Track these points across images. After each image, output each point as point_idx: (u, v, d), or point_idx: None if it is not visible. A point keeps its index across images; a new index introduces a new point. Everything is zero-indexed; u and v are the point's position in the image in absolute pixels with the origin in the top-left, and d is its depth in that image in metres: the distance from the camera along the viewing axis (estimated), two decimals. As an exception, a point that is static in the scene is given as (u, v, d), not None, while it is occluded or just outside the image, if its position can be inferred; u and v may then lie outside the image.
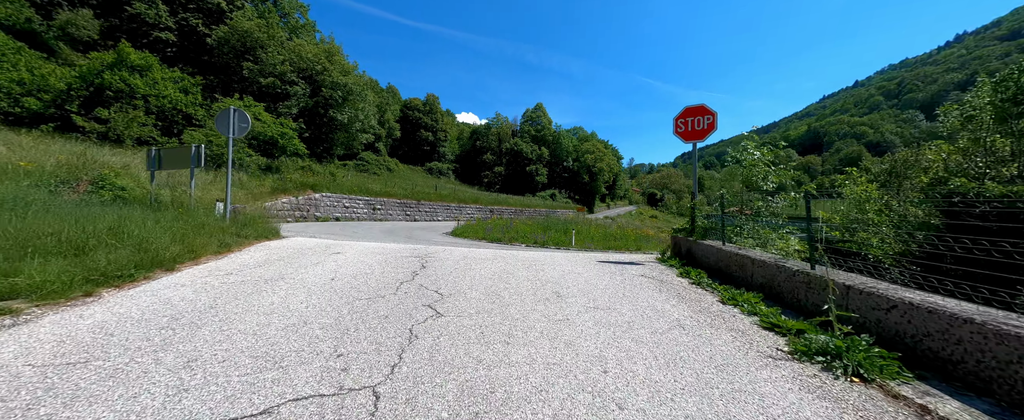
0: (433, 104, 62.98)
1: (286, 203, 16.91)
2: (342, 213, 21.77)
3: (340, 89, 25.82)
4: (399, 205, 26.87)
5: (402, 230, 16.25)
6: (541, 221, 19.37)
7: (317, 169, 23.39)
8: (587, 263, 7.16)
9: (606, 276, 5.78)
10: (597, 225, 19.27)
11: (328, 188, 21.46)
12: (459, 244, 11.20)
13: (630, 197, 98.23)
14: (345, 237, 10.23)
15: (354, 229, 14.34)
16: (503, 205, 39.58)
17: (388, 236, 12.21)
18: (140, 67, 19.59)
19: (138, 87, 18.73)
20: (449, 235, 16.23)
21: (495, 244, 13.45)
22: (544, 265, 6.66)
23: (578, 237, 14.53)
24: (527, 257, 7.60)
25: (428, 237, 13.35)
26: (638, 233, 16.80)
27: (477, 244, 11.86)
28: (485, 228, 16.56)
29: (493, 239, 14.34)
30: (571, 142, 62.26)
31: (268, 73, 22.84)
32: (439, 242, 11.47)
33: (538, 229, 16.25)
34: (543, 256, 7.83)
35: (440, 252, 7.55)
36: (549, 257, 7.76)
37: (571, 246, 13.22)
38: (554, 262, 7.00)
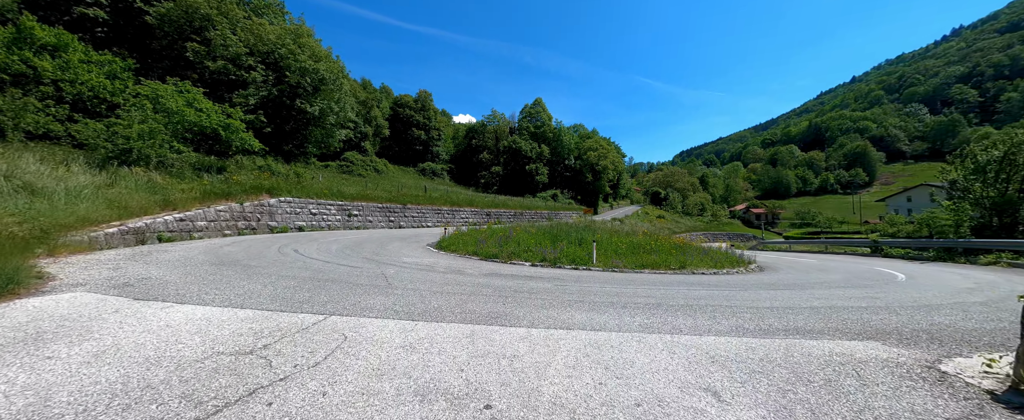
0: (425, 101, 59.40)
1: (223, 211, 13.25)
2: (307, 221, 18.11)
3: (309, 76, 22.18)
4: (380, 210, 23.23)
5: (372, 243, 12.64)
6: (547, 228, 15.81)
7: (280, 169, 19.73)
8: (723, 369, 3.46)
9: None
10: (615, 231, 15.73)
11: (289, 191, 17.79)
12: (435, 268, 7.60)
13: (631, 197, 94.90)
14: (208, 283, 6.45)
15: (289, 249, 10.71)
16: (501, 208, 36.01)
17: (343, 255, 8.62)
18: (51, 46, 15.95)
19: (45, 70, 15.07)
20: (432, 248, 12.63)
21: (491, 261, 9.87)
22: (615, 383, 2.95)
23: (598, 249, 10.99)
24: (571, 350, 3.87)
25: (401, 254, 9.78)
26: (670, 242, 13.29)
27: (464, 265, 8.31)
28: (478, 239, 12.98)
29: (487, 254, 10.76)
30: (572, 139, 58.79)
31: (218, 56, 19.18)
32: (408, 262, 7.90)
33: (545, 239, 12.68)
34: (601, 339, 4.15)
35: (347, 330, 3.77)
36: (614, 345, 4.08)
37: (593, 264, 9.68)
38: (632, 361, 3.32)
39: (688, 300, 5.39)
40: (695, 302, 5.24)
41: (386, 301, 4.37)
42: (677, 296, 5.66)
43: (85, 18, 18.77)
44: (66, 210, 7.56)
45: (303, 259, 7.81)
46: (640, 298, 5.37)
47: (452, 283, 5.67)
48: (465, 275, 6.75)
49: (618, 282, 7.02)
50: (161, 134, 12.86)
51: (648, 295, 5.63)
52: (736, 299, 5.59)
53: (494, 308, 4.31)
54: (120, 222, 8.57)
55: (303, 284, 5.04)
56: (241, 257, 7.32)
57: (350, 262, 7.90)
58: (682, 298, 5.53)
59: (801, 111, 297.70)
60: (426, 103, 59.77)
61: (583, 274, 8.23)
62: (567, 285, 6.31)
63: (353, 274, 6.21)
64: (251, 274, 5.52)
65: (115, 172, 10.70)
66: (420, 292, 4.97)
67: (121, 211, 9.46)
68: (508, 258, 10.36)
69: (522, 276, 7.01)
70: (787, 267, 12.03)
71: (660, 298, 5.45)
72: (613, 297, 5.36)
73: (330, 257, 8.55)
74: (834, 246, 19.86)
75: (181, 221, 10.78)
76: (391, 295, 4.71)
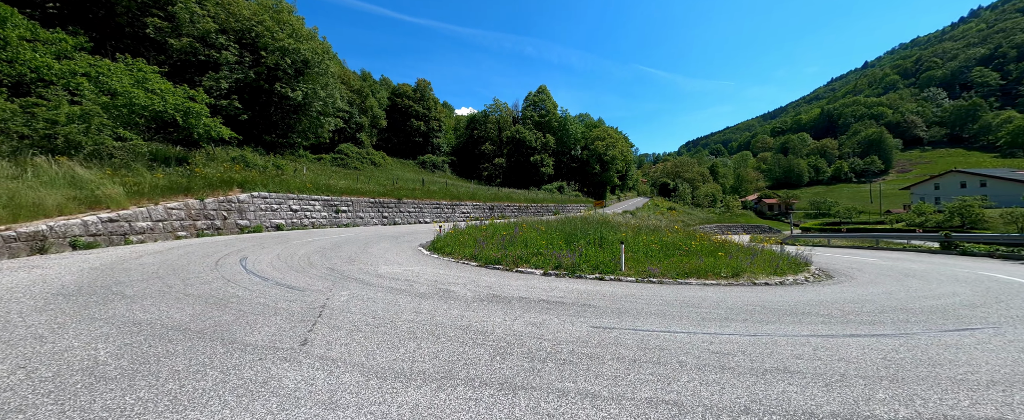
0: (425, 91, 56.97)
1: (177, 209, 11.23)
2: (287, 219, 16.11)
3: (290, 56, 19.94)
4: (373, 205, 21.19)
5: (353, 245, 10.58)
6: (557, 224, 13.64)
7: (256, 161, 17.67)
8: None
9: None
10: (639, 228, 13.51)
11: (266, 185, 15.76)
12: (415, 284, 5.48)
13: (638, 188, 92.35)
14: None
15: (235, 258, 8.66)
16: (504, 201, 33.85)
17: (303, 267, 6.53)
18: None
19: (-26, 47, 13.00)
20: (423, 250, 10.55)
21: (492, 268, 7.77)
22: None
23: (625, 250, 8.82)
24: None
25: (381, 260, 7.69)
26: (709, 240, 11.09)
27: (457, 277, 6.20)
28: (478, 238, 10.88)
29: (488, 260, 8.65)
30: (578, 129, 56.16)
31: (183, 33, 17.00)
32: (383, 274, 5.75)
33: (557, 239, 10.54)
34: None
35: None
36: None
37: (621, 272, 7.54)
38: None
39: (828, 362, 3.24)
40: (852, 368, 3.09)
41: (266, 406, 2.23)
42: (799, 351, 3.51)
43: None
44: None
45: (236, 277, 5.73)
46: (738, 353, 3.23)
47: (426, 326, 3.53)
48: (453, 302, 4.63)
49: (672, 306, 4.88)
50: (99, 118, 10.78)
51: (738, 342, 3.50)
52: (902, 361, 3.43)
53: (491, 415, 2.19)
54: (3, 226, 6.53)
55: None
56: (134, 278, 5.24)
57: (301, 279, 5.81)
58: (808, 353, 3.38)
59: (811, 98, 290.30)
60: (425, 93, 57.34)
61: (615, 289, 6.08)
62: (604, 317, 4.17)
63: (279, 305, 4.12)
64: (86, 321, 3.42)
65: (28, 162, 8.65)
66: (358, 361, 2.79)
67: (29, 210, 7.44)
68: (514, 264, 8.24)
69: (535, 301, 4.87)
70: (856, 271, 9.80)
71: (771, 351, 3.31)
72: (695, 353, 3.22)
73: (282, 270, 6.47)
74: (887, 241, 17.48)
75: (111, 222, 8.76)
76: (297, 370, 2.58)
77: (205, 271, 5.93)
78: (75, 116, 10.18)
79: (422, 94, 56.64)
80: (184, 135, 14.79)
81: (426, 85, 58.02)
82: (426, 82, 58.29)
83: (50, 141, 9.67)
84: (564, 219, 15.51)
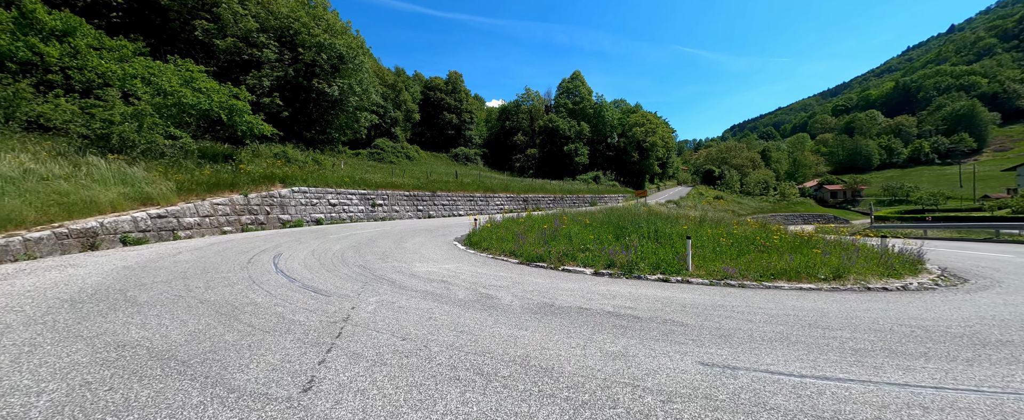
0: (456, 83, 56.80)
1: (222, 205, 11.47)
2: (326, 213, 16.28)
3: (326, 52, 20.09)
4: (407, 198, 21.11)
5: (388, 240, 10.19)
6: (601, 216, 12.47)
7: (297, 157, 18.04)
8: None
9: None
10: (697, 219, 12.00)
11: (305, 180, 15.99)
12: (451, 289, 4.75)
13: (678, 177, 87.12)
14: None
15: (268, 256, 8.44)
16: (539, 192, 32.82)
17: (335, 265, 6.09)
18: (59, 32, 14.99)
19: (51, 57, 14.08)
20: (459, 244, 9.94)
21: (535, 266, 6.91)
22: None
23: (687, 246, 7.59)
24: None
25: (416, 257, 7.12)
26: (788, 234, 9.44)
27: (498, 277, 5.42)
28: (516, 232, 10.06)
29: (530, 257, 7.80)
30: (615, 115, 53.34)
31: (228, 33, 17.53)
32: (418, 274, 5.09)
33: (605, 232, 9.45)
34: None
35: None
36: None
37: (688, 272, 6.37)
38: None
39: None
40: None
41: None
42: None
43: (98, 3, 17.87)
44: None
45: (263, 278, 5.33)
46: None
47: (470, 355, 2.70)
48: (499, 315, 3.81)
49: (788, 324, 3.74)
50: (151, 117, 11.16)
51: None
52: None
53: None
54: (57, 223, 6.66)
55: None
56: (159, 279, 4.95)
57: (329, 280, 5.30)
58: None
59: (882, 71, 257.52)
60: (457, 85, 57.15)
61: (693, 297, 4.98)
62: (708, 344, 3.14)
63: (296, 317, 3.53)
64: (68, 341, 2.96)
65: (83, 161, 9.00)
66: (376, 401, 2.03)
67: (84, 208, 7.67)
68: (559, 262, 7.32)
69: (599, 313, 3.94)
70: (991, 271, 7.81)
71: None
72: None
73: (312, 269, 6.04)
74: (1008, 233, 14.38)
75: (159, 218, 8.94)
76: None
77: (234, 270, 5.61)
78: (128, 116, 10.56)
79: (454, 86, 56.51)
80: (230, 133, 15.25)
81: (457, 77, 57.79)
82: (457, 74, 58.06)
83: (106, 141, 10.10)
84: (608, 210, 14.27)
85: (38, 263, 5.52)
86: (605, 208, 18.62)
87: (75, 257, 6.08)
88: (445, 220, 19.87)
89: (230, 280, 4.94)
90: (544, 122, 52.80)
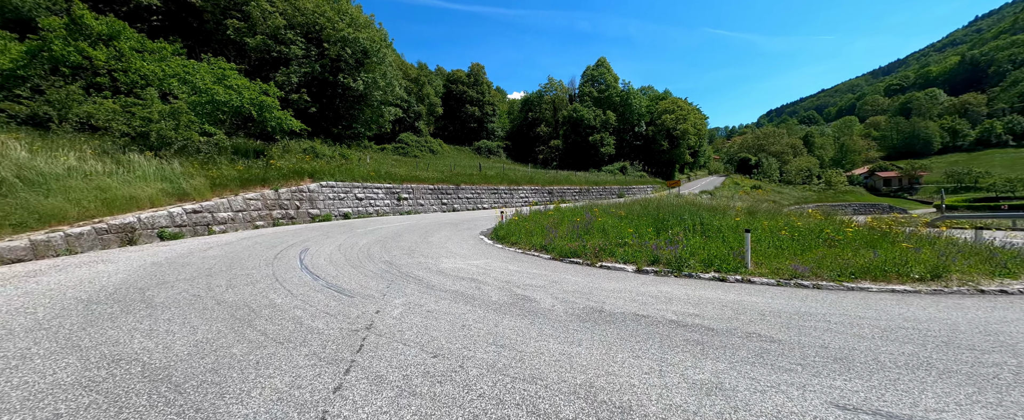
0: (478, 75, 56.31)
1: (254, 200, 11.65)
2: (353, 207, 16.39)
3: (351, 46, 20.11)
4: (432, 192, 21.01)
5: (414, 234, 9.95)
6: (640, 208, 11.63)
7: (325, 152, 18.26)
8: None
9: None
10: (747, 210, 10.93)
11: (333, 175, 16.13)
12: (483, 289, 4.30)
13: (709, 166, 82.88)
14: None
15: (294, 251, 8.32)
16: (564, 184, 31.96)
17: (361, 261, 5.83)
18: (105, 36, 15.76)
19: (99, 60, 14.83)
20: (486, 238, 9.53)
21: (570, 263, 6.35)
22: None
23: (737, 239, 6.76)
24: None
25: (442, 251, 6.78)
26: (856, 226, 8.31)
27: (533, 275, 4.92)
28: (546, 226, 9.51)
29: (563, 252, 7.23)
30: (643, 102, 51.01)
31: (258, 31, 17.84)
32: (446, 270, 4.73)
33: (644, 225, 8.71)
34: None
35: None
36: None
37: (748, 271, 5.59)
38: None
39: None
40: None
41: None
42: None
43: (140, 7, 18.68)
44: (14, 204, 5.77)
45: (287, 275, 5.11)
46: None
47: (518, 383, 2.18)
48: (542, 322, 3.31)
49: (926, 344, 2.97)
50: (186, 115, 11.43)
51: None
52: None
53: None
54: (97, 219, 6.79)
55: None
56: (182, 277, 4.81)
57: (354, 278, 5.01)
58: None
59: (944, 45, 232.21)
60: (479, 77, 56.65)
61: (765, 301, 4.26)
62: (830, 375, 2.44)
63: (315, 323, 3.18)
64: (64, 352, 2.71)
65: (124, 159, 9.27)
66: None
67: (123, 203, 7.87)
68: (595, 257, 6.72)
69: (661, 322, 3.34)
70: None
71: None
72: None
73: (338, 265, 5.80)
74: None
75: (195, 213, 9.10)
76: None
77: (259, 267, 5.44)
78: (166, 114, 10.84)
79: (476, 79, 56.06)
80: (260, 129, 15.55)
81: (479, 69, 57.25)
82: (479, 66, 57.50)
83: (145, 138, 10.42)
84: (644, 201, 13.39)
85: (74, 259, 5.59)
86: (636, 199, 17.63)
87: (111, 252, 6.17)
88: (470, 213, 19.61)
89: (253, 278, 4.74)
90: (568, 112, 51.39)
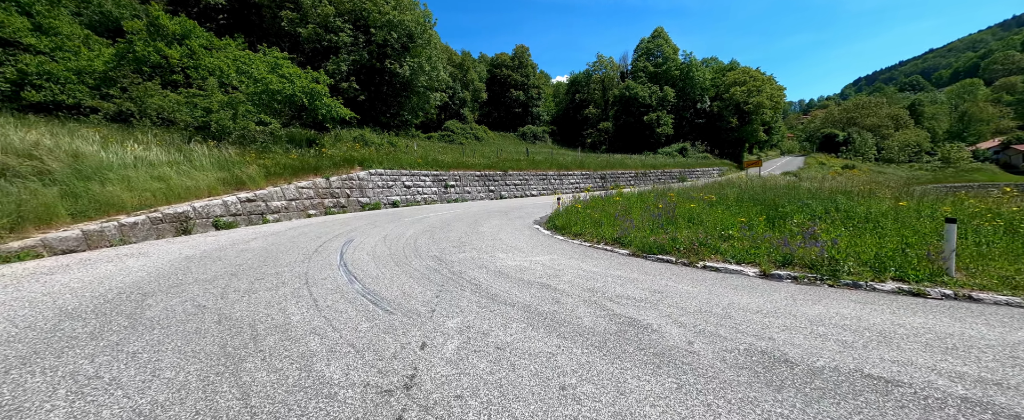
0: (523, 57, 54.36)
1: (306, 188, 11.56)
2: (401, 195, 16.09)
3: (396, 30, 19.64)
4: (479, 179, 20.22)
5: (462, 223, 9.06)
6: (736, 193, 9.61)
7: (373, 139, 18.16)
8: None
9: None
10: (903, 189, 8.45)
11: (382, 162, 15.88)
12: (558, 279, 3.10)
13: (782, 146, 73.12)
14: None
15: (337, 244, 7.70)
16: (618, 168, 29.54)
17: (407, 255, 4.98)
18: (178, 35, 16.79)
19: (173, 58, 15.81)
20: (541, 228, 8.33)
21: (662, 263, 4.87)
22: None
23: (901, 230, 4.78)
24: None
25: (497, 243, 5.73)
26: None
27: (619, 273, 3.61)
28: (614, 213, 8.06)
29: (647, 247, 5.77)
30: (706, 75, 45.59)
31: (309, 20, 17.96)
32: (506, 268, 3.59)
33: (751, 213, 6.88)
34: None
35: None
36: None
37: (952, 281, 3.72)
38: None
39: None
40: None
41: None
42: None
43: (209, 8, 19.75)
44: (76, 191, 5.70)
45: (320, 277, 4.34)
46: None
47: None
48: (689, 382, 2.06)
49: None
50: (244, 105, 11.53)
51: None
52: None
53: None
54: (151, 208, 6.69)
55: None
56: (204, 277, 4.20)
57: (397, 282, 4.09)
58: None
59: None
60: (523, 59, 54.67)
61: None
62: None
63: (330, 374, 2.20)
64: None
65: (186, 149, 9.41)
66: None
67: (184, 192, 7.88)
68: (693, 254, 5.19)
69: (922, 395, 1.90)
70: None
71: None
72: None
73: (381, 262, 4.97)
74: None
75: (249, 202, 9.01)
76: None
77: (294, 263, 4.77)
78: (224, 104, 10.98)
79: (520, 61, 54.18)
80: (313, 118, 15.66)
81: (524, 51, 55.19)
82: (524, 48, 55.42)
83: (206, 129, 10.63)
84: (739, 183, 11.24)
85: (123, 250, 5.39)
86: (713, 182, 15.19)
87: (157, 244, 5.95)
88: (518, 201, 18.52)
89: (282, 278, 4.01)
90: (619, 91, 47.67)
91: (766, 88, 42.79)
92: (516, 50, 54.99)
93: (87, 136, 8.14)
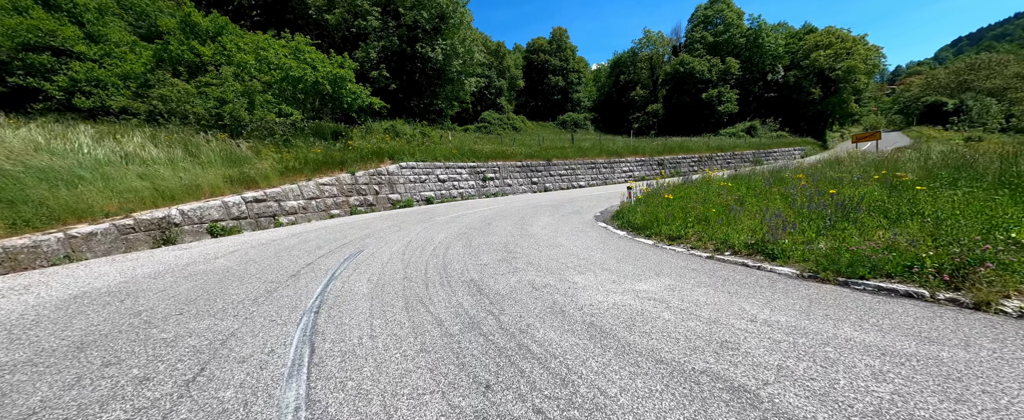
0: (561, 40, 51.04)
1: (329, 185, 10.15)
2: (435, 190, 14.41)
3: (426, 9, 17.93)
4: (520, 169, 18.08)
5: (508, 222, 6.97)
6: (919, 168, 6.56)
7: (404, 130, 16.71)
8: None
9: None
10: None
11: (413, 155, 14.29)
12: (747, 356, 0.83)
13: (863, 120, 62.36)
14: None
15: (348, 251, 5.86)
16: (677, 152, 25.86)
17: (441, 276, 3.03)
18: (212, 32, 16.43)
19: (205, 55, 15.40)
20: (610, 227, 5.98)
21: (861, 291, 2.25)
22: None
23: None
24: None
25: (559, 251, 3.53)
26: None
27: (849, 329, 1.34)
28: (723, 203, 5.51)
29: (841, 265, 3.21)
30: (778, 41, 39.21)
31: (334, 6, 16.80)
32: (596, 306, 1.51)
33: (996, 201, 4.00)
34: None
35: None
36: None
37: None
38: None
39: None
40: None
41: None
42: None
43: (242, 6, 19.43)
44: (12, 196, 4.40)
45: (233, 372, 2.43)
46: None
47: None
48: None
49: None
50: (262, 95, 10.36)
51: None
52: None
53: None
54: (127, 214, 5.35)
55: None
56: (168, 311, 2.44)
57: (397, 362, 2.05)
58: None
59: None
60: (562, 43, 51.29)
61: None
62: None
63: None
64: None
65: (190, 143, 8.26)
66: None
67: (183, 192, 6.63)
68: (978, 287, 2.59)
69: None
70: None
71: None
72: None
73: (378, 306, 3.03)
74: None
75: (256, 202, 7.64)
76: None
77: (225, 314, 2.97)
78: (239, 93, 9.86)
79: (559, 44, 50.91)
80: (340, 109, 14.44)
81: (562, 33, 51.77)
82: (562, 30, 51.98)
83: (219, 120, 9.55)
84: (877, 160, 8.05)
85: (49, 272, 3.97)
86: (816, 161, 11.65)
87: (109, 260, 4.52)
88: (567, 193, 16.15)
89: (142, 382, 2.18)
90: (671, 67, 42.75)
91: (858, 50, 35.67)
92: (554, 33, 51.72)
93: (84, 131, 7.16)
